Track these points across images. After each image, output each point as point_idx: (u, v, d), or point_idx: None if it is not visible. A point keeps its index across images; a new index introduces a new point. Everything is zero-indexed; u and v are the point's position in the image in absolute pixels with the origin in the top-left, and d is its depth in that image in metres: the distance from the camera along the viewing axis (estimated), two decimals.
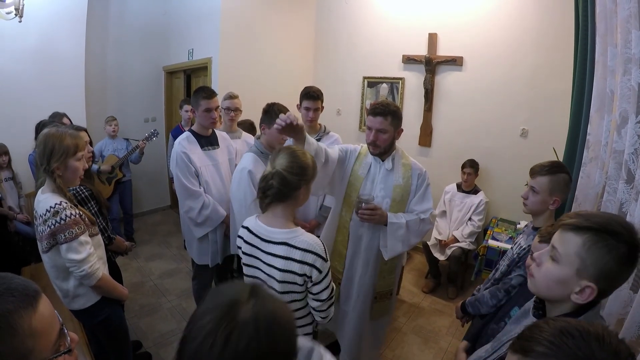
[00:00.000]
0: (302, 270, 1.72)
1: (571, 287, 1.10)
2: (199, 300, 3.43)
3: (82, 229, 2.00)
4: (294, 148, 1.84)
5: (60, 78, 4.86)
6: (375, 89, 5.52)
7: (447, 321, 3.87)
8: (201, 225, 3.01)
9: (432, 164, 4.99)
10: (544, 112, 4.22)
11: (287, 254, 1.73)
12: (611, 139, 1.68)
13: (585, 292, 1.08)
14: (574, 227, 1.10)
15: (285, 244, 1.75)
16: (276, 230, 1.78)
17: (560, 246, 1.13)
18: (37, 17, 4.47)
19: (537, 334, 0.82)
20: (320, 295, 1.81)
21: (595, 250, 1.06)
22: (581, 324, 0.79)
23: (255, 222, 1.86)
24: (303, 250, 1.72)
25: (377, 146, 2.43)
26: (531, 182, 2.02)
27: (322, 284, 1.79)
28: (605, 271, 1.06)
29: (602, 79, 1.81)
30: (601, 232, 1.06)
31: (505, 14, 4.36)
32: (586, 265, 1.07)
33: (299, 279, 1.74)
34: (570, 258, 1.10)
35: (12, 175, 4.32)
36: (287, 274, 1.74)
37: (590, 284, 1.07)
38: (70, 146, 2.00)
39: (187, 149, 2.94)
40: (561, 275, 1.12)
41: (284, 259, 1.74)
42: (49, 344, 0.85)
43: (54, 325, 0.88)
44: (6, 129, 4.40)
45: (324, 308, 1.87)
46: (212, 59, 5.15)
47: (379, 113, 2.34)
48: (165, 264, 4.86)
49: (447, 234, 4.54)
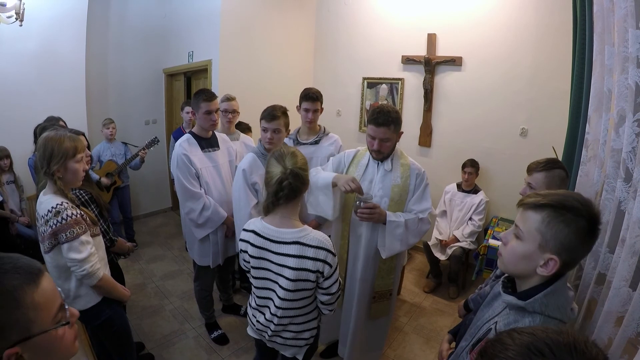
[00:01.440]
0: (315, 266, 1.79)
1: (535, 261, 1.18)
2: (201, 301, 3.45)
3: (84, 229, 2.02)
4: (292, 148, 1.92)
5: (61, 81, 4.88)
6: (375, 89, 5.52)
7: (449, 321, 3.87)
8: (202, 226, 3.03)
9: (432, 164, 5.00)
10: (544, 112, 4.22)
11: (300, 252, 1.79)
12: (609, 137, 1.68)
13: (549, 265, 1.15)
14: (533, 205, 1.18)
15: (298, 242, 1.80)
16: (287, 230, 1.83)
17: (522, 224, 1.21)
18: (38, 21, 4.49)
19: (500, 351, 0.75)
20: (331, 289, 1.89)
21: (554, 225, 1.13)
22: (549, 336, 0.72)
23: (262, 224, 1.88)
24: (315, 247, 1.79)
25: (381, 153, 2.48)
26: (528, 178, 2.07)
27: (333, 278, 1.87)
28: (566, 244, 1.12)
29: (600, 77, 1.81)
30: (559, 208, 1.13)
31: (504, 13, 4.36)
32: (547, 240, 1.14)
33: (312, 275, 1.81)
34: (532, 234, 1.17)
35: (13, 178, 4.34)
36: (300, 272, 1.80)
37: (553, 256, 1.14)
38: (69, 148, 2.02)
39: (188, 151, 2.96)
40: (525, 251, 1.20)
41: (298, 258, 1.79)
42: (49, 316, 0.93)
43: (55, 300, 0.96)
44: (7, 132, 4.42)
45: (333, 301, 1.97)
46: (212, 61, 5.16)
47: (381, 123, 2.36)
48: (167, 266, 4.87)
49: (448, 234, 4.54)
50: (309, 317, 2.01)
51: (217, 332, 3.51)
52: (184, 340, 3.48)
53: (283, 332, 2.00)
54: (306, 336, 2.04)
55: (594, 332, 1.50)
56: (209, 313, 3.54)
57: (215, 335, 3.49)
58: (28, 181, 4.37)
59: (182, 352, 3.34)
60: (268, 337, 2.03)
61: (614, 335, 1.40)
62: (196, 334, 3.56)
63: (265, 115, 2.79)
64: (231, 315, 3.83)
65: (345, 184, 2.33)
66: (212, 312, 3.57)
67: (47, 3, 4.59)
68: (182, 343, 3.44)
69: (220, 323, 3.62)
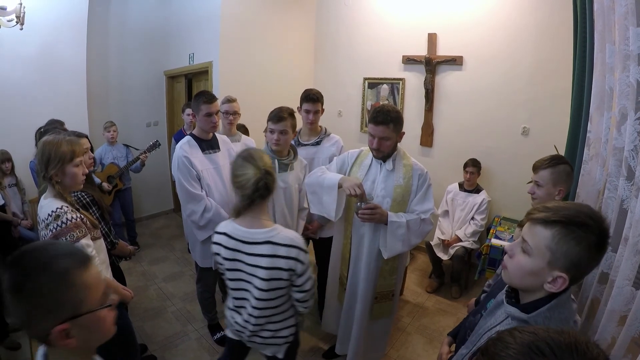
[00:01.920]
0: (287, 265, 1.82)
1: (543, 277, 1.14)
2: (203, 303, 3.45)
3: (84, 232, 2.02)
4: (254, 148, 2.00)
5: (62, 84, 4.89)
6: (376, 90, 5.52)
7: (451, 321, 3.86)
8: (204, 228, 3.03)
9: (434, 163, 4.99)
10: (545, 110, 4.21)
11: (273, 251, 1.82)
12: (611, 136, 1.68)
13: (558, 282, 1.12)
14: (543, 220, 1.13)
15: (270, 242, 1.83)
16: (258, 230, 1.85)
17: (531, 239, 1.16)
18: (38, 24, 4.49)
19: (502, 350, 0.75)
20: (304, 286, 1.93)
21: (564, 242, 1.08)
22: (550, 335, 0.73)
23: (233, 226, 1.90)
24: (287, 246, 1.82)
25: (381, 152, 2.48)
26: (534, 177, 2.06)
27: (305, 275, 1.90)
28: (576, 261, 1.09)
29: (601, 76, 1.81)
30: (570, 225, 1.08)
31: (504, 12, 4.35)
32: (557, 257, 1.10)
33: (285, 274, 1.84)
34: (541, 251, 1.12)
35: (15, 181, 4.35)
36: (273, 271, 1.82)
37: (562, 274, 1.10)
38: (67, 153, 2.02)
39: (188, 153, 2.96)
40: (533, 267, 1.15)
41: (270, 257, 1.82)
42: (96, 298, 1.04)
43: (100, 285, 1.06)
44: (9, 136, 4.42)
45: (307, 298, 2.00)
46: (212, 63, 5.16)
47: (380, 122, 2.36)
48: (169, 268, 4.87)
49: (450, 234, 4.53)
50: (285, 315, 2.04)
51: (220, 333, 3.50)
52: (186, 342, 3.48)
53: (261, 331, 2.02)
54: (285, 334, 2.06)
55: (597, 331, 1.49)
56: (211, 314, 3.54)
57: (218, 336, 3.49)
58: (30, 184, 4.37)
59: (184, 353, 3.34)
60: (247, 337, 2.05)
61: (617, 335, 1.39)
62: (199, 335, 3.56)
63: (272, 116, 2.77)
64: None
65: (351, 188, 2.34)
66: (214, 314, 3.56)
67: (48, 6, 4.59)
68: (185, 345, 3.44)
69: (222, 324, 3.60)
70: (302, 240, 1.88)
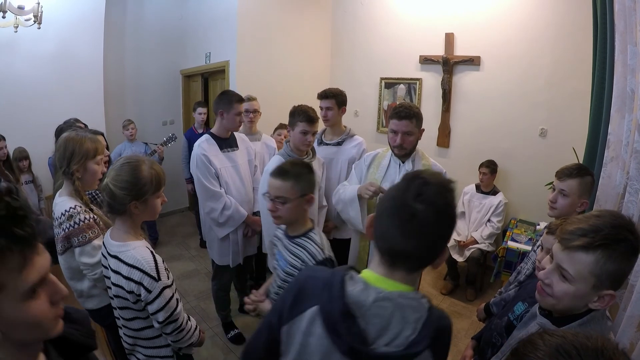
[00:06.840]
0: (129, 287, 1.62)
1: (588, 299, 1.12)
2: (218, 300, 3.45)
3: (96, 233, 2.02)
4: (130, 159, 1.73)
5: (79, 83, 4.94)
6: (393, 90, 5.49)
7: (466, 323, 3.83)
8: (223, 225, 3.04)
9: (451, 164, 4.93)
10: (563, 112, 4.15)
11: (116, 267, 1.65)
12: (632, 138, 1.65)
13: (605, 299, 1.10)
14: (584, 247, 1.08)
15: (116, 257, 1.66)
16: (113, 242, 1.70)
17: (571, 267, 1.11)
18: (56, 23, 4.54)
19: (531, 351, 0.77)
20: (157, 317, 1.67)
21: (610, 264, 1.06)
22: (578, 339, 0.73)
23: (107, 234, 1.79)
24: (129, 266, 1.62)
25: (403, 148, 2.46)
26: (560, 185, 1.97)
27: (155, 305, 1.64)
28: (620, 276, 1.09)
29: (622, 77, 1.78)
30: (612, 245, 1.05)
31: (522, 12, 4.30)
32: (602, 280, 1.07)
33: (129, 295, 1.64)
34: (584, 276, 1.09)
35: (32, 178, 4.40)
36: (118, 289, 1.66)
37: (609, 292, 1.08)
38: (90, 149, 2.04)
39: (207, 151, 2.97)
40: (577, 293, 1.12)
41: (115, 273, 1.66)
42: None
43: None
44: (26, 134, 4.48)
45: (167, 331, 1.73)
46: (229, 62, 5.18)
47: (404, 116, 2.36)
48: (184, 265, 4.89)
49: (466, 235, 4.49)
50: (155, 343, 1.81)
51: (234, 331, 3.51)
52: None
53: (135, 352, 1.85)
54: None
55: (615, 336, 1.47)
56: (225, 313, 3.55)
57: (232, 335, 3.49)
58: (47, 181, 4.41)
59: (198, 351, 3.32)
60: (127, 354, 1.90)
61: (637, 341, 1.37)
62: (213, 333, 3.56)
63: (306, 118, 2.71)
64: (248, 315, 3.81)
65: (365, 191, 2.35)
66: (228, 312, 3.58)
67: (65, 6, 4.65)
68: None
69: (236, 323, 3.62)
70: (152, 266, 1.63)
